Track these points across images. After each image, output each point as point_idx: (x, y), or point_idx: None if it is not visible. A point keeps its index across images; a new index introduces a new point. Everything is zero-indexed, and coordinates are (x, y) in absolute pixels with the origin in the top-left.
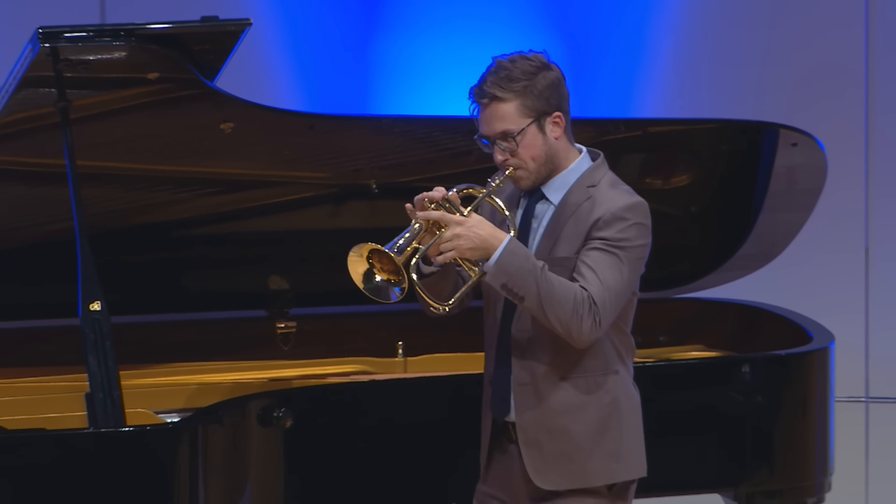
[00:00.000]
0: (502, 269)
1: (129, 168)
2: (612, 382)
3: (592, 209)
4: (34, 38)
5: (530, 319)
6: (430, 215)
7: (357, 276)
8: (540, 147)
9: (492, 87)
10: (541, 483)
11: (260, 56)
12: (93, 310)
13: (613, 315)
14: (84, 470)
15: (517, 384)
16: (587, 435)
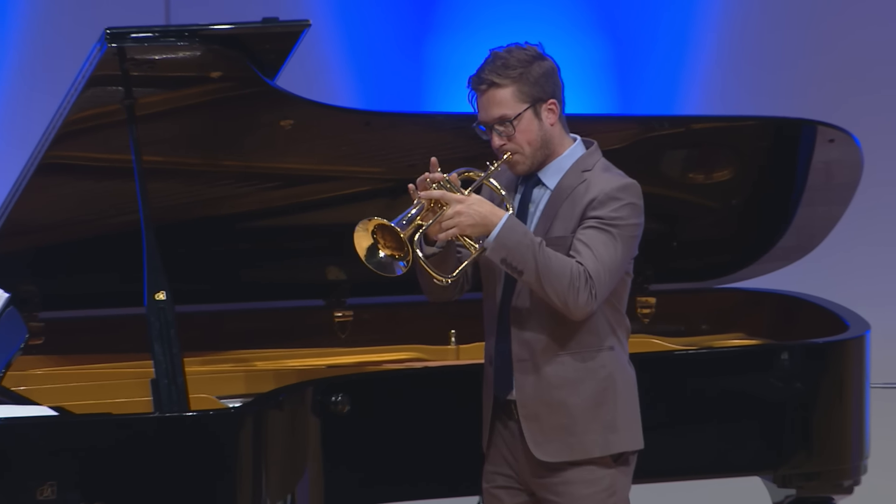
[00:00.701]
0: (501, 244)
1: (193, 163)
2: (608, 358)
3: (587, 190)
4: (102, 38)
5: (528, 299)
6: (431, 194)
7: (361, 250)
8: (535, 132)
9: (489, 74)
10: (540, 455)
11: (318, 55)
12: (158, 299)
13: (608, 289)
14: (149, 453)
15: (517, 361)
16: (584, 408)
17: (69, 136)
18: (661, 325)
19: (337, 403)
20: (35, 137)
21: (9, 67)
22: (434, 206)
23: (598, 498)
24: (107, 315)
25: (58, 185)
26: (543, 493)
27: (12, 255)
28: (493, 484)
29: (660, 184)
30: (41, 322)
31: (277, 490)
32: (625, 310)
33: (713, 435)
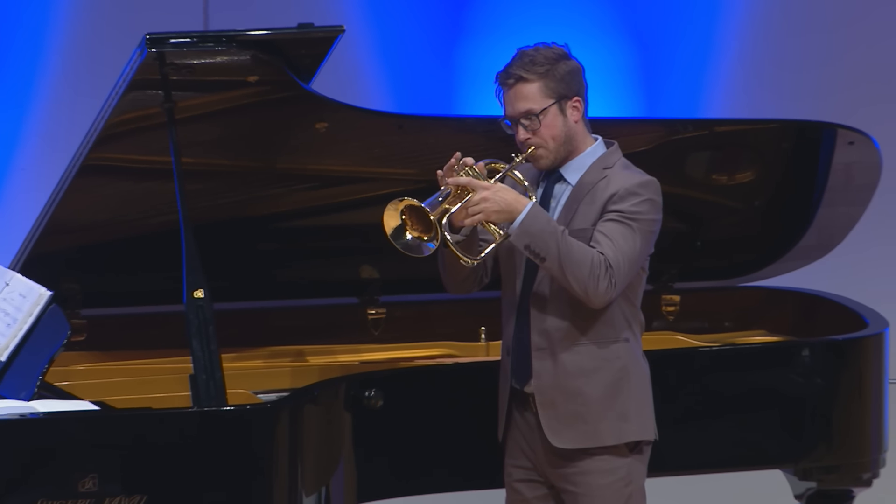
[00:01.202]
0: (525, 231)
1: (230, 165)
2: (623, 350)
3: (608, 186)
4: (142, 43)
5: (547, 289)
6: (458, 181)
7: (388, 229)
8: (560, 128)
9: (517, 69)
10: (556, 442)
11: (352, 60)
12: (196, 297)
13: (626, 279)
14: (187, 446)
15: (535, 349)
16: (599, 397)
17: (110, 138)
18: (685, 323)
19: (370, 398)
20: (77, 140)
21: (52, 72)
22: (461, 192)
23: (614, 487)
24: (147, 312)
25: (99, 186)
26: (561, 484)
27: (55, 254)
28: (514, 478)
29: (684, 185)
30: (83, 319)
31: (312, 482)
32: (640, 304)
33: (736, 429)
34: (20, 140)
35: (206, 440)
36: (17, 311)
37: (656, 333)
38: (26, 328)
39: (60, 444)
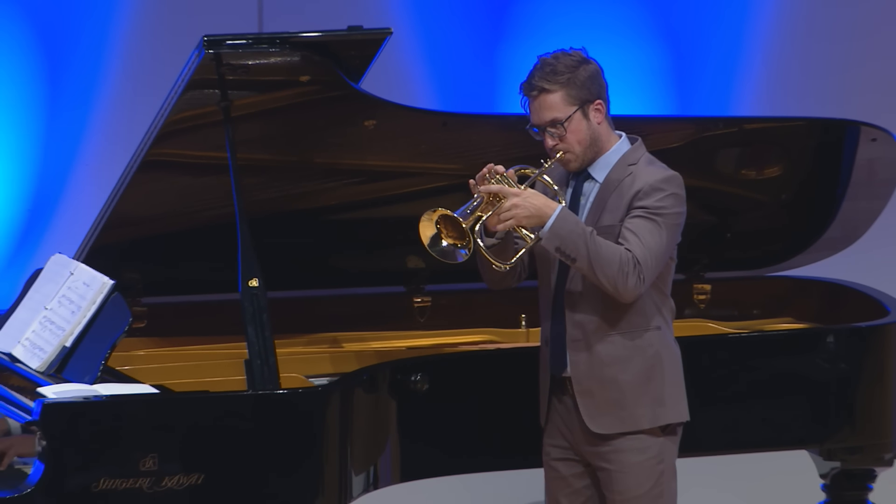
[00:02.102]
0: (555, 234)
1: (283, 160)
2: (655, 337)
3: (633, 183)
4: (200, 45)
5: (580, 283)
6: (490, 188)
7: (425, 238)
8: (585, 132)
9: (539, 80)
10: (595, 427)
11: (399, 61)
12: (251, 286)
13: (654, 273)
14: (243, 427)
15: (571, 341)
16: (633, 384)
17: (169, 135)
18: (715, 311)
19: (416, 382)
20: (138, 137)
21: (114, 73)
22: (493, 199)
23: (647, 465)
24: (204, 300)
25: (159, 181)
26: (597, 462)
27: (117, 245)
28: (551, 456)
29: (715, 179)
30: (144, 307)
31: (361, 461)
32: (669, 292)
33: (764, 412)
34: (84, 137)
35: (260, 422)
36: (82, 299)
37: (688, 321)
38: (90, 315)
39: (122, 425)
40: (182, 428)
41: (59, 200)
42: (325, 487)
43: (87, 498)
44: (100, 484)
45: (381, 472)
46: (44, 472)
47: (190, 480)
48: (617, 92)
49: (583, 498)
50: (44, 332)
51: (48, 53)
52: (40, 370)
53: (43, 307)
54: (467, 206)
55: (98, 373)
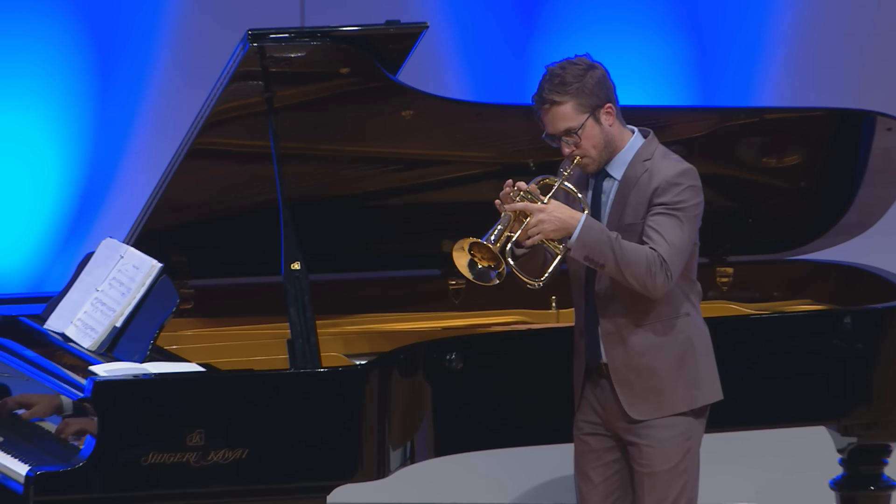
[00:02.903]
0: (582, 244)
1: (324, 149)
2: (684, 323)
3: (650, 180)
4: (244, 38)
5: (609, 280)
6: (515, 207)
7: (463, 268)
8: (598, 136)
9: (549, 93)
10: (635, 415)
11: (435, 53)
12: (294, 269)
13: (681, 267)
14: (285, 404)
15: (604, 334)
16: (668, 369)
17: (215, 125)
18: (737, 293)
19: (451, 361)
20: (185, 126)
21: (163, 65)
22: (519, 216)
23: (676, 441)
24: (249, 283)
25: (205, 168)
26: (628, 436)
27: (166, 230)
28: (583, 431)
29: (737, 167)
30: (191, 289)
31: (398, 438)
32: (695, 276)
33: (784, 389)
34: (134, 127)
35: (302, 399)
36: (131, 281)
37: (712, 302)
38: (139, 297)
39: (170, 402)
40: (227, 405)
41: (109, 187)
42: (365, 462)
43: (137, 471)
44: (148, 458)
45: (418, 447)
46: (95, 447)
47: (235, 455)
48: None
49: (611, 471)
50: (95, 312)
51: (99, 48)
52: (92, 349)
53: (94, 289)
54: (494, 229)
55: (147, 352)
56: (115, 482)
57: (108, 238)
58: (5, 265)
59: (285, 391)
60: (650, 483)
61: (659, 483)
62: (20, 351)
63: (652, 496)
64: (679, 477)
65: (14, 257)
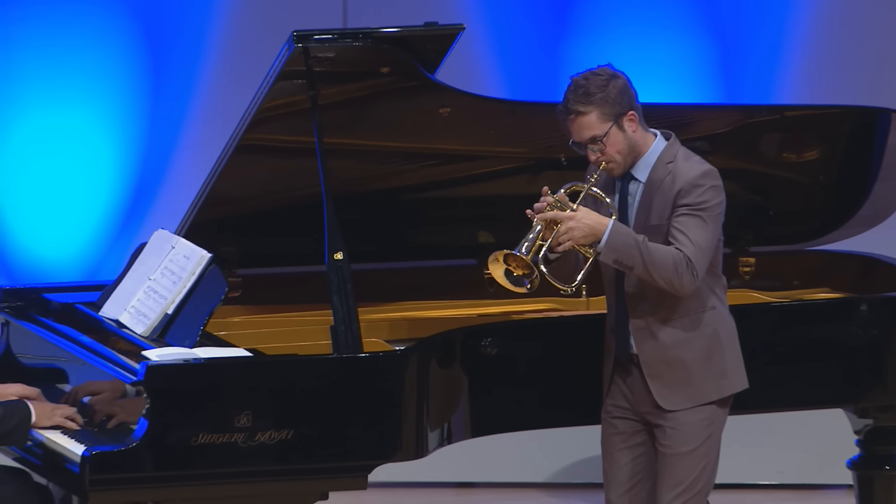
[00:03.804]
0: (611, 248)
1: (365, 145)
2: (711, 317)
3: (674, 182)
4: (290, 39)
5: (638, 278)
6: (545, 216)
7: (500, 279)
8: (622, 142)
9: (574, 104)
10: (666, 406)
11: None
12: (336, 258)
13: (706, 265)
14: (328, 387)
15: (635, 329)
16: (697, 361)
17: (262, 121)
18: (759, 282)
19: (486, 346)
20: (233, 123)
21: (212, 65)
22: (550, 224)
23: (699, 426)
24: (294, 272)
25: (252, 163)
26: (654, 419)
27: (215, 222)
28: (611, 414)
29: (758, 162)
30: (238, 278)
31: (436, 419)
32: (721, 271)
33: (803, 374)
34: (185, 123)
35: (344, 382)
36: (182, 270)
37: (735, 291)
38: (189, 285)
39: (219, 385)
40: (273, 388)
41: (161, 181)
42: (404, 442)
43: (187, 451)
44: (198, 438)
45: (454, 428)
46: (147, 428)
47: (280, 435)
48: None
49: (636, 453)
50: (148, 300)
51: (152, 49)
52: (145, 335)
53: (147, 278)
54: (526, 239)
55: (197, 337)
56: (166, 461)
57: (160, 229)
58: (63, 255)
59: (329, 375)
60: (671, 463)
61: (680, 464)
62: (77, 337)
63: (672, 477)
64: (699, 460)
65: (71, 247)
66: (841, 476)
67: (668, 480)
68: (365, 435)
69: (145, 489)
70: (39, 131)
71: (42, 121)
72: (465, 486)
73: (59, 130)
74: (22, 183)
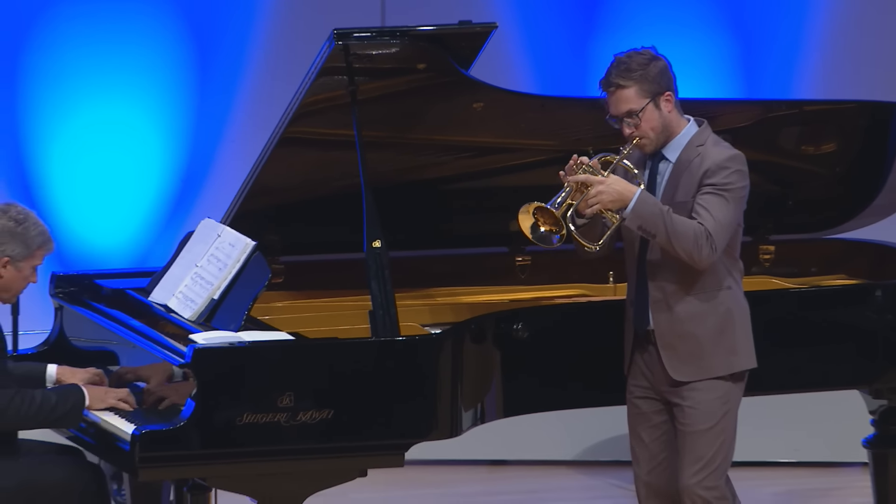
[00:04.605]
0: (637, 214)
1: (402, 137)
2: (726, 296)
3: (702, 163)
4: (330, 37)
5: (660, 252)
6: (577, 178)
7: (526, 230)
8: (657, 120)
9: (616, 77)
10: (677, 376)
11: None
12: (375, 246)
13: (725, 242)
14: (367, 369)
15: (653, 301)
16: (709, 337)
17: (304, 115)
18: (779, 268)
19: (518, 330)
20: (276, 117)
21: (256, 62)
22: (580, 187)
23: (714, 404)
24: (334, 259)
25: (294, 155)
26: (673, 399)
27: (258, 211)
28: (634, 395)
29: (778, 154)
30: (281, 265)
31: (470, 399)
32: (739, 255)
33: (821, 356)
34: (230, 117)
35: (382, 365)
36: (228, 257)
37: (755, 277)
38: (235, 272)
39: (263, 367)
40: (314, 370)
41: (207, 173)
42: (439, 421)
43: (232, 430)
44: (243, 418)
45: (487, 408)
46: (194, 408)
47: (321, 415)
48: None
49: (659, 432)
50: (195, 286)
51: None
52: (192, 319)
53: (194, 265)
54: (557, 197)
55: (242, 321)
56: (212, 440)
57: (206, 218)
58: (114, 243)
59: (367, 358)
60: (690, 441)
61: (698, 441)
62: (127, 321)
63: (692, 453)
64: (717, 436)
65: (121, 236)
66: (856, 454)
67: (688, 457)
68: (402, 415)
69: (192, 466)
70: (92, 126)
71: (94, 116)
72: (497, 464)
73: (111, 125)
74: (75, 175)
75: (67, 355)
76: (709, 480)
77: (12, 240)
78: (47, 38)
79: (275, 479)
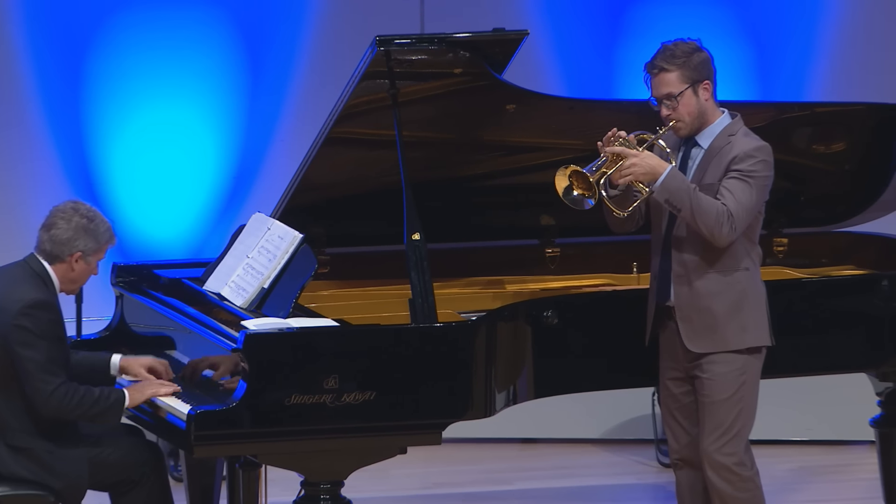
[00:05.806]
0: (665, 188)
1: (440, 137)
2: (743, 276)
3: (731, 150)
4: (373, 43)
5: (685, 230)
6: (614, 149)
7: (560, 189)
8: (694, 105)
9: (660, 61)
10: (692, 347)
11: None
12: (414, 239)
13: (745, 224)
14: (407, 354)
15: (675, 276)
16: (724, 312)
17: (348, 117)
18: (792, 260)
19: (548, 317)
20: (323, 118)
21: (303, 66)
22: (616, 158)
23: (731, 375)
24: (376, 251)
25: (339, 154)
26: (694, 372)
27: (306, 206)
28: (666, 377)
29: (790, 153)
30: (327, 256)
31: (503, 382)
32: (757, 240)
33: (831, 341)
34: (280, 118)
35: (421, 349)
36: (276, 249)
37: (769, 268)
38: (283, 262)
39: (310, 351)
40: (358, 354)
41: (258, 170)
42: (474, 402)
43: (281, 410)
44: (291, 399)
45: (519, 390)
46: (246, 390)
47: (364, 397)
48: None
49: (688, 411)
50: (246, 276)
51: (250, 51)
52: (243, 307)
53: (246, 256)
54: (594, 164)
55: (290, 309)
56: (262, 419)
57: (257, 213)
58: (170, 235)
59: (407, 343)
60: (710, 410)
61: (717, 410)
62: (183, 308)
63: (712, 421)
64: (735, 405)
65: (178, 228)
66: (864, 433)
67: (709, 425)
68: (439, 396)
69: (243, 444)
70: (151, 126)
71: (153, 117)
72: (529, 442)
73: (168, 125)
74: (135, 172)
75: (127, 340)
76: (728, 447)
77: (85, 235)
78: (109, 44)
79: (321, 455)
